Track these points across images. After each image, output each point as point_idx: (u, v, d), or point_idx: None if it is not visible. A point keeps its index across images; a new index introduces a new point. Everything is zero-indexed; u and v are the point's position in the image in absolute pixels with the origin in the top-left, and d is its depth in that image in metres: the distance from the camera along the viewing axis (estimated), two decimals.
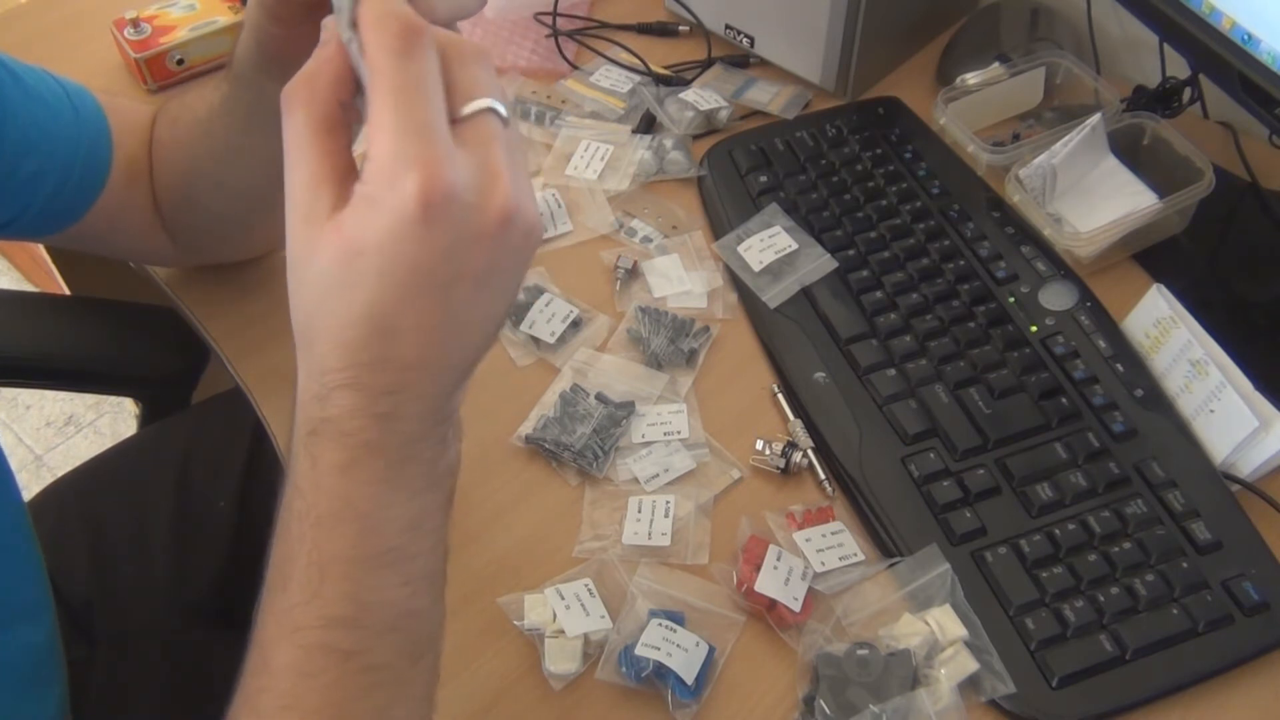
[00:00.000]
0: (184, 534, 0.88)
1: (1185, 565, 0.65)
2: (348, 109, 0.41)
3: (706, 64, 0.98)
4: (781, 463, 0.71)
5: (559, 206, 0.86)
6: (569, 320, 0.78)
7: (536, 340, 0.78)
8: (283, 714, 0.42)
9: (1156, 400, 0.72)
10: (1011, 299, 0.78)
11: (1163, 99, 0.88)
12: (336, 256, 0.39)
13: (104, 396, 1.84)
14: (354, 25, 0.40)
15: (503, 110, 0.41)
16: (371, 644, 0.42)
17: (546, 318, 0.78)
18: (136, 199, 0.73)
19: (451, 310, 0.40)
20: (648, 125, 0.93)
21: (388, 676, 0.43)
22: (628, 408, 0.73)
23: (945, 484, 0.69)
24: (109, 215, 0.72)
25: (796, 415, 0.74)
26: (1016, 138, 0.90)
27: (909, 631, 0.62)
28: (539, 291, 0.80)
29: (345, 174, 0.40)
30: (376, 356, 0.40)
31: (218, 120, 0.67)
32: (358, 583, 0.42)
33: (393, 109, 0.38)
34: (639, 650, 0.61)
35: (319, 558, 0.41)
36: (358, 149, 0.41)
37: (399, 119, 0.38)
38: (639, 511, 0.68)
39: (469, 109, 0.40)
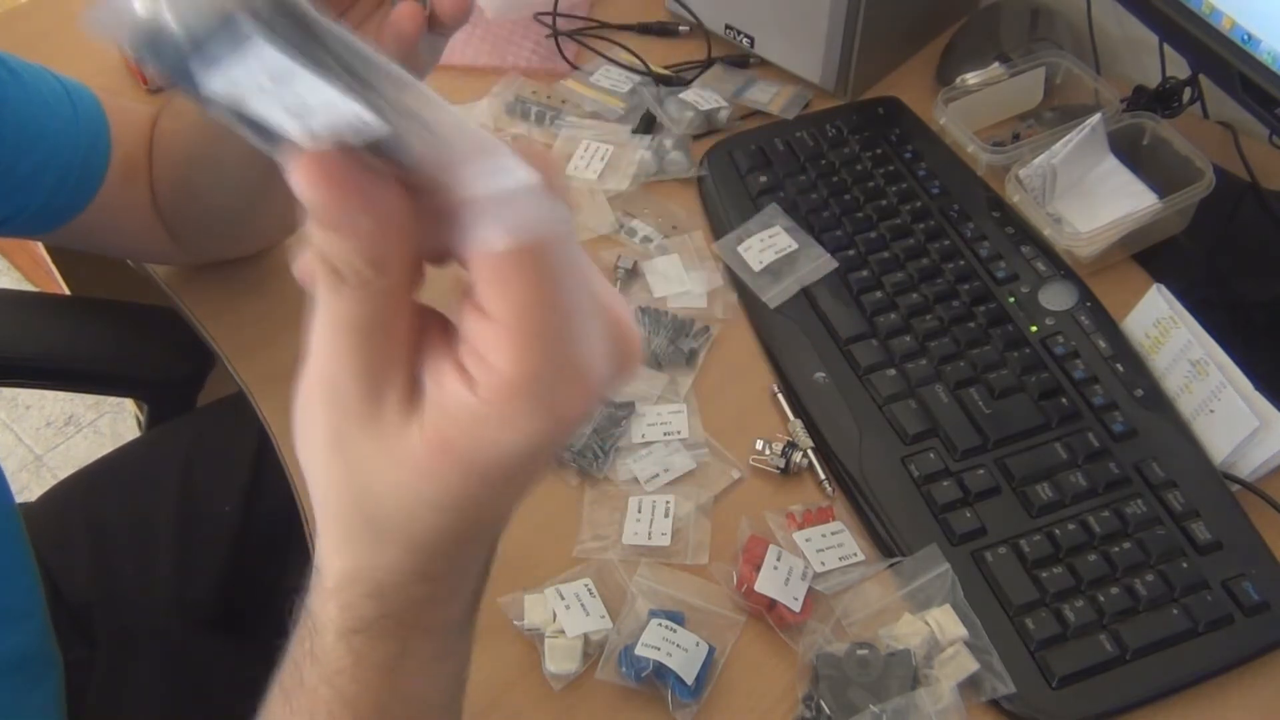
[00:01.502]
0: (186, 536, 0.88)
1: (1185, 565, 0.65)
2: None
3: (706, 64, 0.98)
4: (781, 463, 0.71)
5: None
6: None
7: None
8: None
9: (1156, 400, 0.72)
10: (1011, 299, 0.78)
11: (1163, 99, 0.88)
12: (443, 478, 0.33)
13: (104, 397, 1.84)
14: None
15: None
16: None
17: None
18: (133, 197, 0.73)
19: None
20: (648, 125, 0.93)
21: None
22: (627, 407, 0.73)
23: (945, 484, 0.69)
24: (106, 213, 0.72)
25: (796, 415, 0.74)
26: (1016, 138, 0.90)
27: (909, 631, 0.62)
28: None
29: (404, 360, 0.33)
30: (456, 553, 0.36)
31: None
32: None
33: (541, 333, 0.30)
34: (639, 650, 0.61)
35: None
36: None
37: (551, 346, 0.30)
38: (639, 511, 0.68)
39: None
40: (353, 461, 0.34)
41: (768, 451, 0.71)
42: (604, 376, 0.32)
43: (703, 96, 0.92)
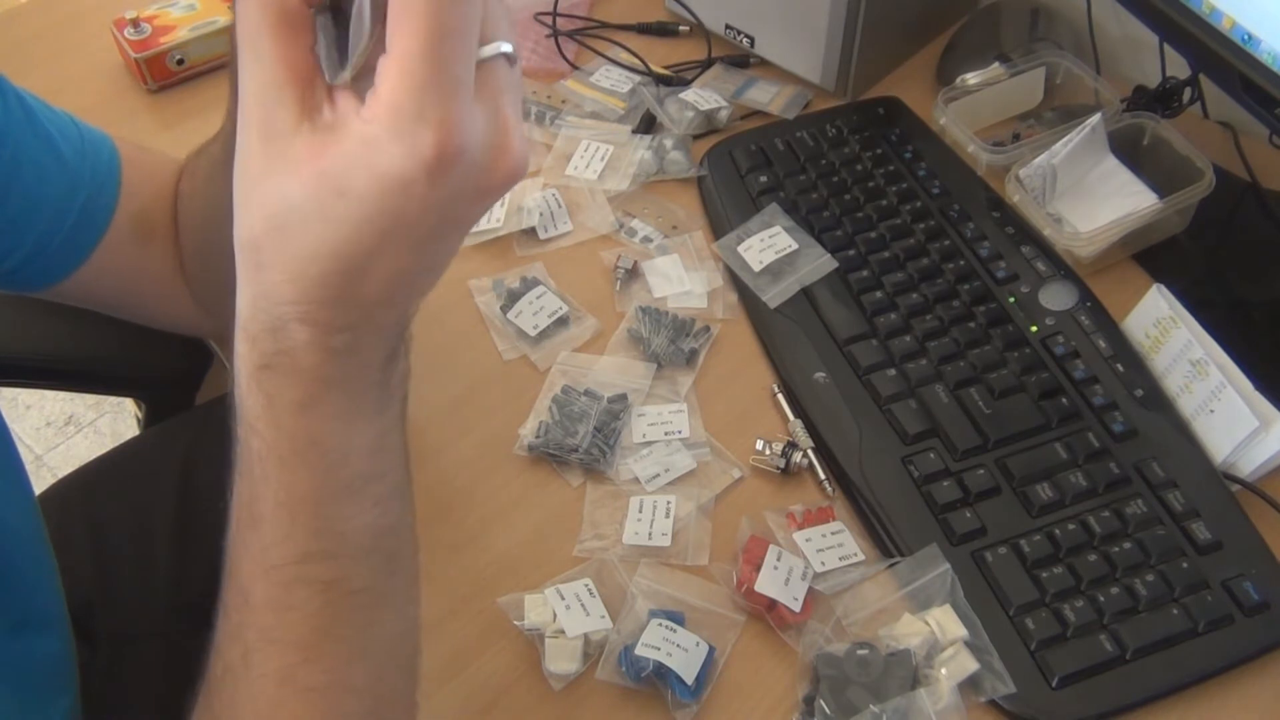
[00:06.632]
0: (186, 535, 0.88)
1: (1185, 565, 0.65)
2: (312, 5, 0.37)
3: (706, 64, 0.98)
4: (781, 463, 0.71)
5: (559, 206, 0.86)
6: (555, 316, 0.78)
7: (521, 331, 0.78)
8: (269, 645, 0.41)
9: (1156, 400, 0.72)
10: (1011, 299, 0.78)
11: (1163, 99, 0.88)
12: (311, 190, 0.35)
13: (104, 396, 1.84)
14: None
15: (513, 53, 0.37)
16: (350, 569, 0.42)
17: (534, 310, 0.78)
18: (149, 259, 0.69)
19: (429, 257, 0.38)
20: (648, 125, 0.93)
21: (370, 596, 0.42)
22: (621, 400, 0.73)
23: (945, 484, 0.69)
24: (116, 272, 0.68)
25: (796, 415, 0.74)
26: (1016, 138, 0.90)
27: (909, 631, 0.62)
28: (534, 283, 0.80)
29: (309, 81, 0.36)
30: (338, 295, 0.37)
31: (229, 146, 0.63)
32: (329, 517, 0.41)
33: (427, 56, 0.34)
34: (639, 650, 0.61)
35: (287, 498, 0.40)
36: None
37: (432, 69, 0.34)
38: (639, 511, 0.68)
39: (487, 52, 0.36)
40: (263, 182, 0.36)
41: (768, 451, 0.71)
42: (476, 141, 0.35)
43: (703, 96, 0.92)
